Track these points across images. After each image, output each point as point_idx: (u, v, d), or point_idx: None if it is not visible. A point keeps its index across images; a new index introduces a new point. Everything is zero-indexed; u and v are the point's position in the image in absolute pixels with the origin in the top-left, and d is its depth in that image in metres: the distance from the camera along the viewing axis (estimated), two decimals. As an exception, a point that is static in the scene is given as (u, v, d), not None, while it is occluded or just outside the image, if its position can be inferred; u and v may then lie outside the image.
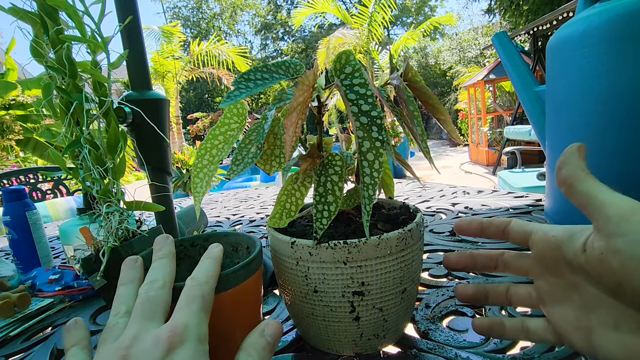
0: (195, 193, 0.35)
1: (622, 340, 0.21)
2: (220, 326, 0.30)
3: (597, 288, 0.22)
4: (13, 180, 1.68)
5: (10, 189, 0.67)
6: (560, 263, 0.24)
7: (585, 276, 0.23)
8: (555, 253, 0.24)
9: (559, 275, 0.25)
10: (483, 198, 0.97)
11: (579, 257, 0.22)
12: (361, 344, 0.34)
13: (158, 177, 0.61)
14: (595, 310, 0.23)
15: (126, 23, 0.49)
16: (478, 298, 0.31)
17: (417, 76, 0.36)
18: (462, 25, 17.84)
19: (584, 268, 0.22)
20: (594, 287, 0.22)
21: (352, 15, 6.83)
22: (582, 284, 0.23)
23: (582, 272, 0.23)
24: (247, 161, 0.34)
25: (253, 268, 0.32)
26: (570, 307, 0.24)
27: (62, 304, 0.54)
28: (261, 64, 0.33)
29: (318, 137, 0.35)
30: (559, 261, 0.24)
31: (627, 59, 0.49)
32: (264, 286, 0.52)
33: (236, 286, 0.30)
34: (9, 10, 0.41)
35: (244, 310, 0.32)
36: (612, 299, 0.21)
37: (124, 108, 0.54)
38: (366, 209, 0.30)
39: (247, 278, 0.31)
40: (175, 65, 7.28)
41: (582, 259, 0.22)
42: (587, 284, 0.23)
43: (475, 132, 6.90)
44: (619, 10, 0.48)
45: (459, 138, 0.38)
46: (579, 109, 0.55)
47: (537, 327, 0.27)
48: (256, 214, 1.08)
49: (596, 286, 0.22)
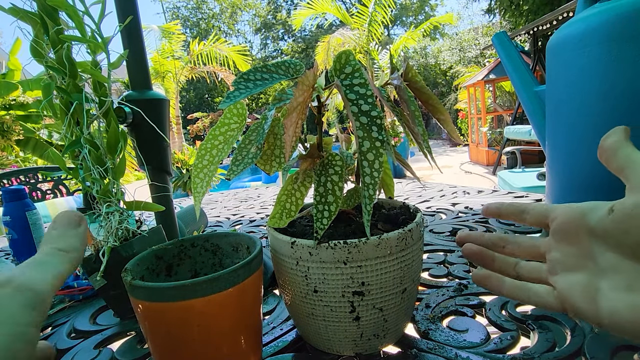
0: (196, 193, 0.35)
1: (633, 300, 0.22)
2: (221, 326, 0.30)
3: (615, 252, 0.23)
4: (13, 180, 1.68)
5: (10, 189, 0.67)
6: (581, 231, 0.25)
7: (606, 241, 0.24)
8: (578, 221, 0.25)
9: (576, 244, 0.25)
10: (483, 198, 0.97)
11: (603, 220, 0.24)
12: (361, 344, 0.34)
13: (158, 177, 0.61)
14: (608, 276, 0.23)
15: (126, 23, 0.49)
16: (484, 258, 0.30)
17: (417, 76, 0.36)
18: (462, 25, 17.85)
19: (607, 231, 0.24)
20: (613, 252, 0.23)
21: (352, 15, 6.83)
22: (599, 250, 0.24)
23: (602, 238, 0.24)
24: (247, 161, 0.34)
25: (253, 267, 0.32)
26: (582, 274, 0.25)
27: (62, 304, 0.54)
28: (261, 64, 0.33)
29: (318, 137, 0.35)
30: (580, 229, 0.25)
31: (627, 59, 0.49)
32: (264, 286, 0.52)
33: (236, 285, 0.30)
34: (9, 10, 0.41)
35: (245, 310, 0.32)
36: (630, 261, 0.22)
37: (124, 108, 0.54)
38: (367, 209, 0.30)
39: (247, 277, 0.31)
40: (175, 65, 7.28)
41: (606, 222, 0.24)
42: (605, 249, 0.24)
43: (475, 132, 6.90)
44: (619, 10, 0.48)
45: (459, 138, 0.38)
46: (578, 109, 0.55)
47: (540, 290, 0.27)
48: (256, 214, 1.08)
49: (615, 250, 0.23)
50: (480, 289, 0.46)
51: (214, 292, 0.29)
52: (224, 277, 0.29)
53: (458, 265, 0.55)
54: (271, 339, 0.40)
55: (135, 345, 0.42)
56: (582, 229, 0.25)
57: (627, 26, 0.48)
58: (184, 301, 0.28)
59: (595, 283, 0.24)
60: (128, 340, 0.43)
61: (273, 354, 0.37)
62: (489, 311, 0.41)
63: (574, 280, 0.25)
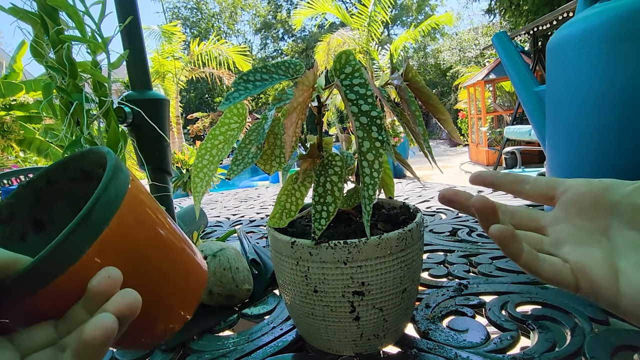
0: (195, 193, 0.35)
1: None
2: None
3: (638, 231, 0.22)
4: (13, 180, 1.68)
5: (10, 189, 0.67)
6: (600, 205, 0.24)
7: (630, 219, 0.22)
8: (598, 195, 0.24)
9: (592, 219, 0.24)
10: (483, 198, 0.97)
11: (631, 195, 0.22)
12: (361, 344, 0.34)
13: (158, 177, 0.61)
14: (628, 255, 0.22)
15: (126, 23, 0.49)
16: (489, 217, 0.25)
17: (417, 76, 0.36)
18: (462, 25, 17.84)
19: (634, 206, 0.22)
20: (635, 231, 0.22)
21: (352, 15, 6.84)
22: (619, 228, 0.23)
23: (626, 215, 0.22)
24: (247, 161, 0.34)
25: (111, 202, 0.23)
26: (596, 249, 0.23)
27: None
28: (261, 64, 0.33)
29: (318, 137, 0.35)
30: (599, 203, 0.24)
31: (627, 59, 0.49)
32: (264, 286, 0.52)
33: (95, 241, 0.21)
34: (9, 10, 0.41)
35: (137, 257, 0.24)
36: None
37: (124, 108, 0.54)
38: (367, 209, 0.30)
39: (108, 220, 0.22)
40: (175, 66, 7.28)
41: (634, 197, 0.22)
42: (628, 227, 0.22)
43: (475, 132, 6.90)
44: (619, 10, 0.48)
45: (459, 138, 0.38)
46: (578, 109, 0.55)
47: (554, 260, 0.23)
48: (256, 214, 1.08)
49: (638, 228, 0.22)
50: (481, 289, 0.46)
51: (62, 271, 0.20)
52: (63, 246, 0.20)
53: (458, 265, 0.55)
54: (271, 339, 0.40)
55: (135, 345, 0.42)
56: (603, 203, 0.23)
57: (626, 26, 0.48)
58: (43, 288, 0.20)
59: (612, 261, 0.22)
60: (128, 340, 0.43)
61: (273, 354, 0.37)
62: (489, 311, 0.41)
63: (590, 254, 0.23)
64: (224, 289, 0.46)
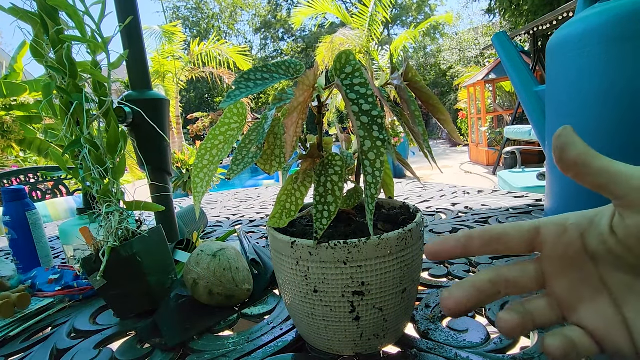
0: (196, 193, 0.35)
1: None
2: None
3: (627, 273, 0.20)
4: (13, 180, 1.68)
5: (10, 189, 0.67)
6: (581, 254, 0.22)
7: (614, 262, 0.20)
8: (576, 243, 0.22)
9: (580, 269, 0.22)
10: (483, 198, 0.97)
11: (606, 241, 0.20)
12: (361, 344, 0.34)
13: (158, 177, 0.61)
14: (626, 300, 0.20)
15: (126, 23, 0.49)
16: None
17: (417, 76, 0.36)
18: (462, 25, 17.85)
19: (613, 252, 0.20)
20: (623, 273, 0.20)
21: (352, 15, 6.84)
22: (609, 273, 0.21)
23: (608, 260, 0.21)
24: (247, 161, 0.34)
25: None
26: (602, 304, 0.21)
27: (62, 304, 0.54)
28: (261, 64, 0.33)
29: (318, 137, 0.35)
30: (579, 252, 0.22)
31: (627, 59, 0.49)
32: (264, 286, 0.52)
33: None
34: (9, 10, 0.41)
35: None
36: None
37: (124, 108, 0.54)
38: (370, 208, 0.30)
39: None
40: (175, 66, 7.28)
41: (611, 243, 0.20)
42: (615, 271, 0.20)
43: (475, 132, 6.91)
44: (619, 10, 0.48)
45: (459, 138, 0.38)
46: (578, 108, 0.55)
47: (579, 336, 0.21)
48: (256, 214, 1.08)
49: (627, 270, 0.20)
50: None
51: None
52: None
53: (458, 265, 0.55)
54: (271, 339, 0.40)
55: (135, 345, 0.42)
56: (582, 251, 0.21)
57: (626, 26, 0.48)
58: None
59: (619, 311, 0.20)
60: (128, 340, 0.43)
61: (273, 354, 0.37)
62: (489, 311, 0.41)
63: (602, 312, 0.21)
64: (224, 289, 0.46)
